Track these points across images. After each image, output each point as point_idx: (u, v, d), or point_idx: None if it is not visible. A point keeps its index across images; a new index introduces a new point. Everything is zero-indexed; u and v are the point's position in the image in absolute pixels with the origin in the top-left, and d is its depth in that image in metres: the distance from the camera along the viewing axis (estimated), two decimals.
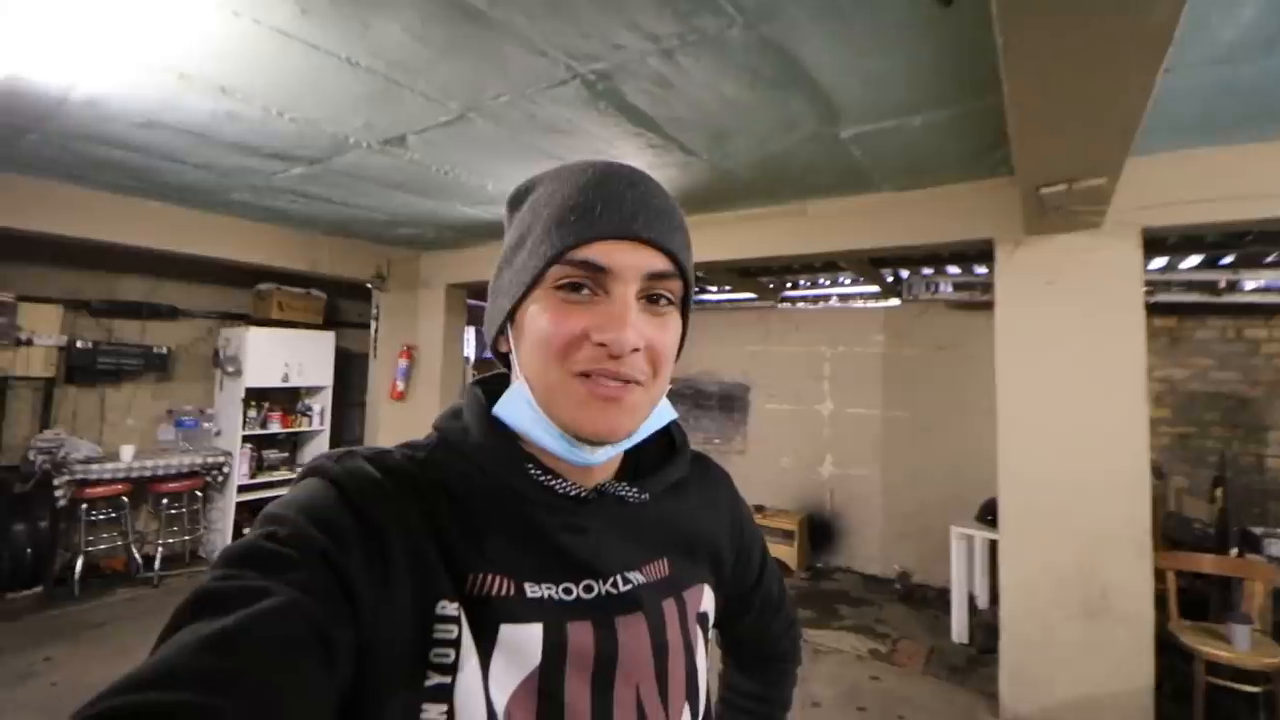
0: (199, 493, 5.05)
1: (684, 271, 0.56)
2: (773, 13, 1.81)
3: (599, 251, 0.52)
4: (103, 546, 4.59)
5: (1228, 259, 4.05)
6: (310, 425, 5.75)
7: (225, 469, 5.07)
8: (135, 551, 4.71)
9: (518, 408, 0.56)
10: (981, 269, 4.63)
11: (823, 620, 4.36)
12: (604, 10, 1.82)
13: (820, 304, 5.89)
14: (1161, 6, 1.27)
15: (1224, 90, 2.21)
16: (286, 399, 5.71)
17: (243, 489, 5.13)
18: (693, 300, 0.60)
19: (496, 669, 0.50)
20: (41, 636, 3.66)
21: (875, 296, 5.52)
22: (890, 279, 5.10)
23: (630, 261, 0.52)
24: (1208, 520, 3.80)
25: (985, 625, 3.91)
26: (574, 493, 0.56)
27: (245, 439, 5.21)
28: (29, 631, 3.73)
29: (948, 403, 5.13)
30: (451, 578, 0.51)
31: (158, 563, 4.69)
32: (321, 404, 5.80)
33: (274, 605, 0.41)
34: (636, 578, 0.59)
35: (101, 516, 4.57)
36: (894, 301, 5.44)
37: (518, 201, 0.61)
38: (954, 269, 4.78)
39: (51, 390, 4.58)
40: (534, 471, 0.55)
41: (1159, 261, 4.13)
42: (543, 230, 0.54)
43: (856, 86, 2.25)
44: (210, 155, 3.18)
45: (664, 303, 0.55)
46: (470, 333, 6.74)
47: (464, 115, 2.61)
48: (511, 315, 0.57)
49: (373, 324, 5.83)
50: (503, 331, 0.59)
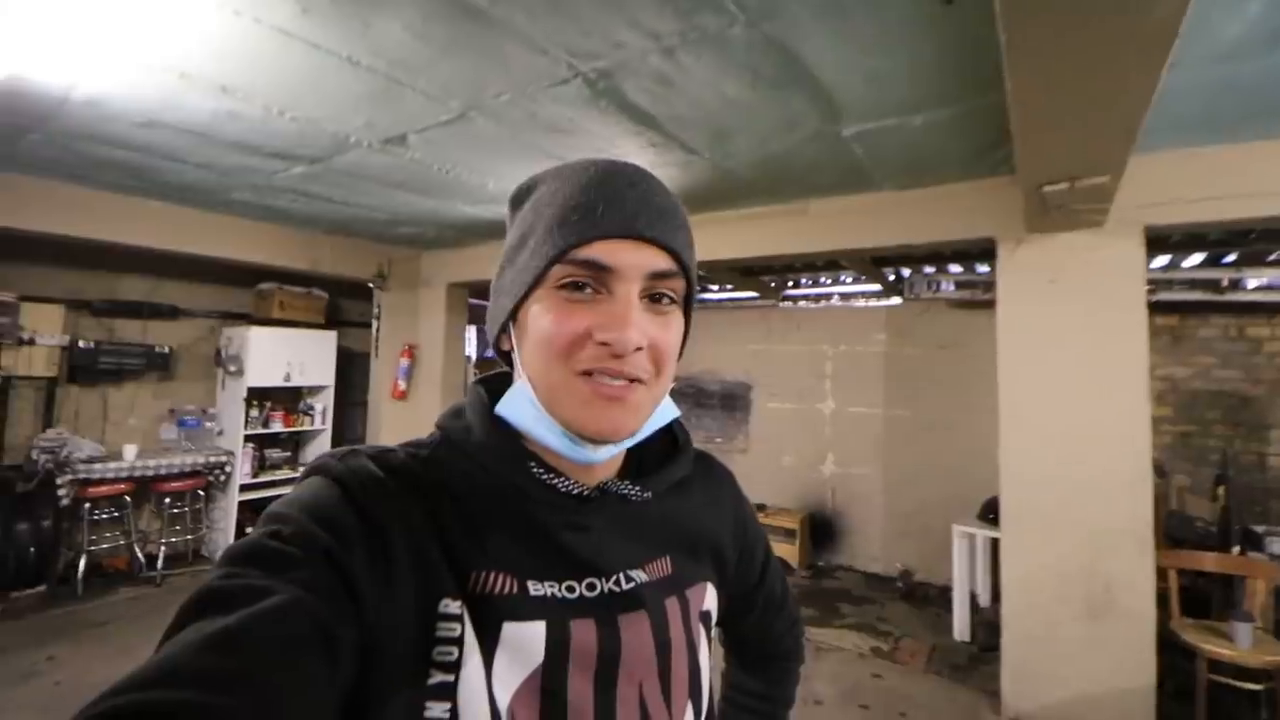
0: (201, 492, 5.06)
1: (686, 270, 0.56)
2: (774, 11, 1.80)
3: (601, 250, 0.52)
4: (105, 546, 4.60)
5: (1230, 257, 4.05)
6: (312, 424, 5.75)
7: (227, 468, 5.07)
8: (138, 551, 4.72)
9: (520, 406, 0.56)
10: (983, 267, 4.62)
11: (825, 618, 4.36)
12: (605, 8, 1.82)
13: (822, 303, 5.88)
14: (1163, 5, 1.26)
15: (1227, 88, 2.20)
16: (288, 398, 5.72)
17: (245, 488, 5.13)
18: (695, 299, 0.60)
19: (500, 667, 0.50)
20: (44, 636, 3.67)
21: (877, 295, 5.51)
22: (892, 278, 5.09)
23: (633, 260, 0.52)
24: (1210, 518, 3.80)
25: (987, 623, 3.91)
26: (576, 491, 0.56)
27: (247, 438, 5.21)
28: (32, 630, 3.74)
29: (949, 401, 5.13)
30: (454, 576, 0.51)
31: (160, 562, 4.70)
32: (323, 403, 5.80)
33: (277, 604, 0.41)
34: (639, 576, 0.59)
35: (104, 516, 4.59)
36: (895, 300, 5.43)
37: (519, 200, 0.61)
38: (956, 268, 4.77)
39: (54, 390, 4.59)
40: (536, 470, 0.55)
41: (1161, 260, 4.12)
42: (545, 229, 0.54)
43: (858, 85, 2.24)
44: (211, 155, 3.18)
45: (666, 301, 0.55)
46: (472, 332, 6.74)
47: (465, 114, 2.60)
48: (514, 314, 0.57)
49: (374, 323, 5.83)
50: (505, 330, 0.59)
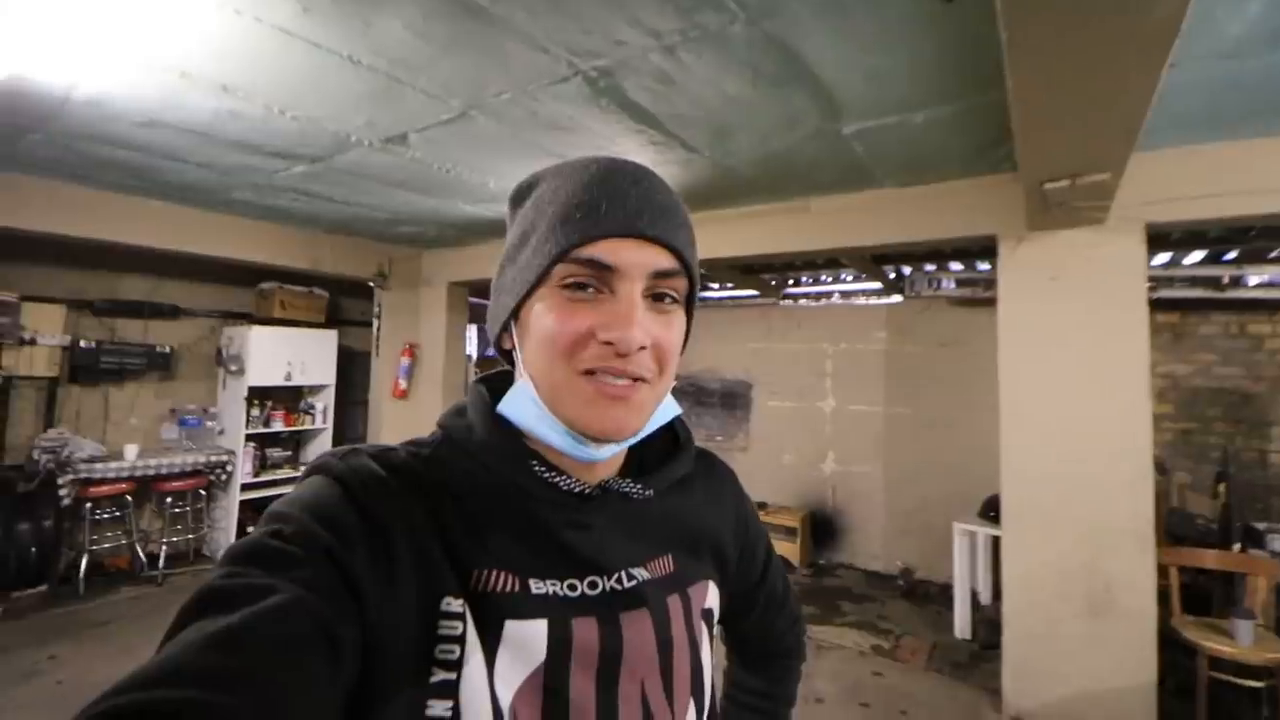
0: (202, 491, 5.06)
1: (689, 269, 0.56)
2: (775, 9, 1.80)
3: (605, 249, 0.52)
4: (107, 545, 4.61)
5: (1231, 254, 4.05)
6: (313, 424, 5.75)
7: (228, 467, 5.08)
8: (139, 550, 4.72)
9: (523, 405, 0.56)
10: (984, 265, 4.62)
11: (825, 616, 4.36)
12: (606, 6, 1.82)
13: (822, 301, 5.88)
14: (1164, 4, 1.26)
15: (1229, 85, 2.20)
16: (289, 397, 5.72)
17: (246, 487, 5.14)
18: (697, 297, 0.60)
19: (502, 665, 0.50)
20: (46, 635, 3.68)
21: (877, 293, 5.51)
22: (892, 275, 5.09)
23: (636, 259, 0.52)
24: (1210, 516, 3.80)
25: (988, 621, 3.92)
26: (578, 489, 0.56)
27: (248, 437, 5.22)
28: (34, 630, 3.74)
29: (950, 399, 5.12)
30: (456, 574, 0.51)
31: (162, 561, 4.71)
32: (324, 402, 5.81)
33: (279, 603, 0.41)
34: (641, 574, 0.59)
35: (105, 515, 4.60)
36: (896, 298, 5.43)
37: (520, 198, 0.60)
38: (956, 265, 4.77)
39: (55, 390, 4.59)
40: (538, 468, 0.55)
41: (1162, 257, 4.12)
42: (547, 228, 0.53)
43: (859, 83, 2.24)
44: (212, 154, 3.18)
45: (669, 300, 0.55)
46: (473, 331, 6.74)
47: (466, 113, 2.60)
48: (515, 313, 0.57)
49: (375, 322, 5.83)
50: (506, 329, 0.59)
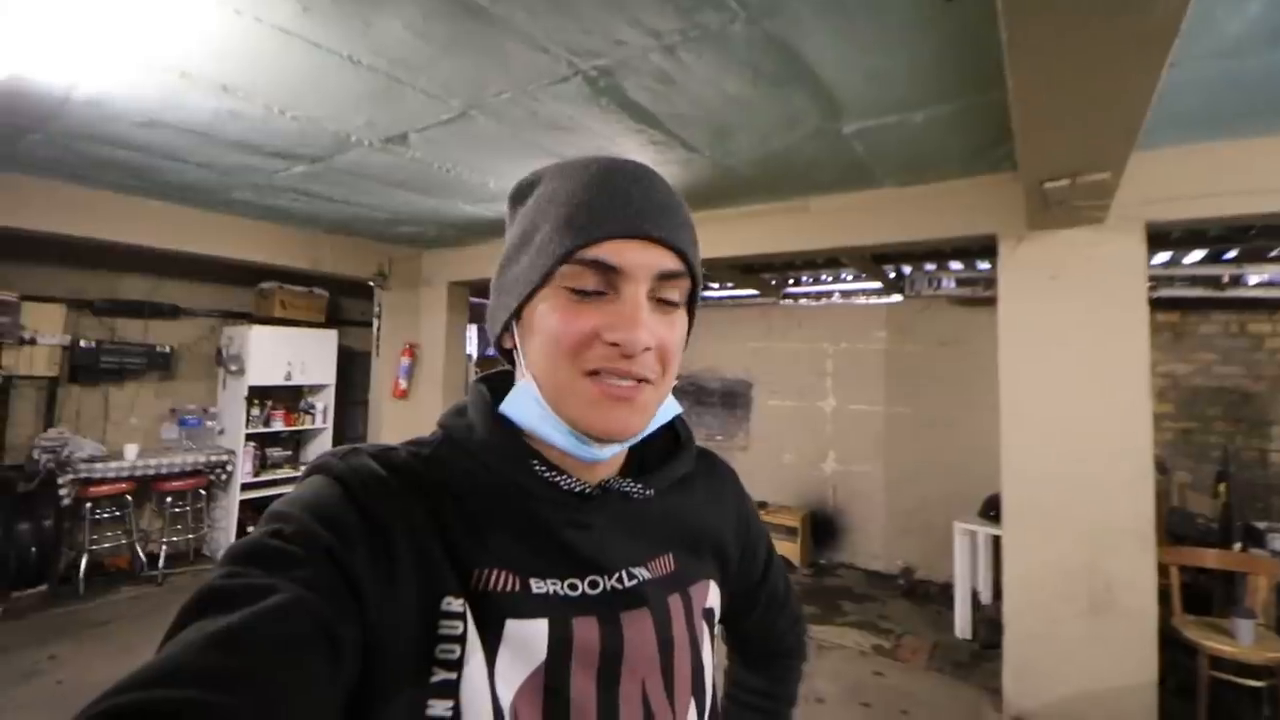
0: (203, 491, 5.06)
1: (693, 270, 0.56)
2: (775, 8, 1.80)
3: (609, 251, 0.51)
4: (107, 545, 4.61)
5: (1231, 254, 4.04)
6: (313, 423, 5.75)
7: (229, 467, 5.08)
8: (139, 550, 4.72)
9: (525, 405, 0.55)
10: (984, 264, 4.62)
11: (826, 616, 4.36)
12: (606, 6, 1.81)
13: (822, 300, 5.88)
14: (1163, 4, 1.26)
15: (1229, 84, 2.20)
16: (289, 397, 5.72)
17: (246, 487, 5.14)
18: (700, 297, 0.60)
19: (502, 664, 0.50)
20: (46, 635, 3.68)
21: (877, 293, 5.51)
22: (892, 275, 5.09)
23: (641, 261, 0.52)
24: (1211, 515, 3.80)
25: (988, 621, 3.91)
26: (579, 489, 0.56)
27: (248, 437, 5.22)
28: (34, 630, 3.74)
29: (950, 399, 5.12)
30: (457, 574, 0.51)
31: (162, 561, 4.71)
32: (324, 402, 5.81)
33: (279, 603, 0.41)
34: (642, 573, 0.59)
35: (105, 515, 4.59)
36: (896, 297, 5.43)
37: (521, 197, 0.60)
38: (956, 264, 4.76)
39: (55, 389, 4.59)
40: (539, 468, 0.55)
41: (1162, 256, 4.12)
42: (551, 228, 0.53)
43: (859, 82, 2.24)
44: (212, 154, 3.18)
45: (672, 301, 0.55)
46: (473, 330, 6.74)
47: (466, 113, 2.60)
48: (518, 312, 0.56)
49: (375, 322, 5.83)
50: (508, 328, 0.58)
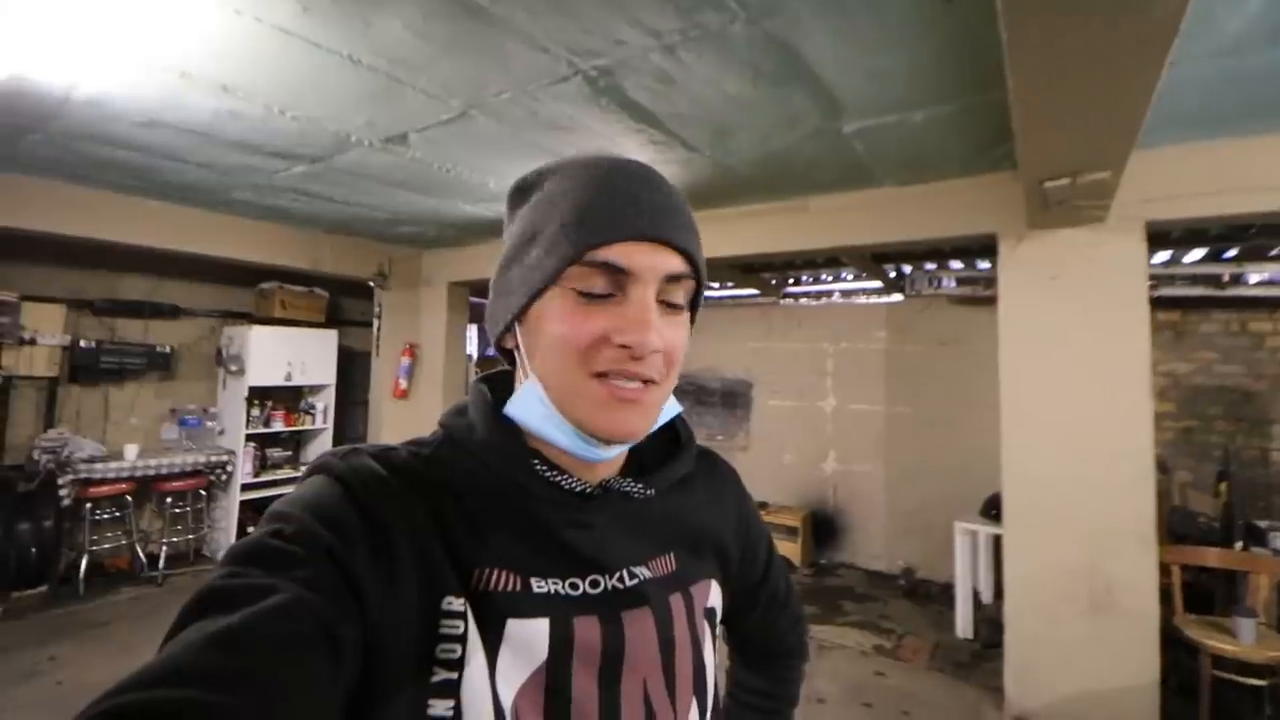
0: (203, 491, 5.06)
1: (698, 272, 0.56)
2: (775, 8, 1.80)
3: (619, 253, 0.51)
4: (107, 545, 4.61)
5: (1231, 252, 4.04)
6: (313, 424, 5.75)
7: (229, 468, 5.08)
8: (139, 550, 4.72)
9: (530, 405, 0.55)
10: (984, 264, 4.62)
11: (827, 616, 4.36)
12: (606, 6, 1.81)
13: (822, 300, 5.88)
14: (1163, 4, 1.26)
15: (1229, 83, 2.19)
16: (289, 397, 5.72)
17: (246, 487, 5.14)
18: (703, 298, 0.60)
19: (503, 664, 0.50)
20: (46, 635, 3.68)
21: (878, 292, 5.51)
22: (893, 274, 5.09)
23: (650, 263, 0.52)
24: (1212, 514, 3.79)
25: (990, 620, 3.91)
26: (579, 489, 0.56)
27: (248, 438, 5.22)
28: (34, 630, 3.74)
29: (951, 398, 5.12)
30: (457, 574, 0.51)
31: (162, 561, 4.71)
32: (324, 402, 5.81)
33: (280, 603, 0.41)
34: (643, 573, 0.59)
35: (106, 515, 4.60)
36: (896, 297, 5.43)
37: (521, 195, 0.60)
38: (957, 264, 4.76)
39: (55, 390, 4.59)
40: (540, 467, 0.55)
41: (1162, 255, 4.12)
42: (558, 229, 0.53)
43: (859, 82, 2.24)
44: (212, 154, 3.18)
45: (677, 303, 0.55)
46: (473, 330, 6.74)
47: (466, 112, 2.60)
48: (522, 313, 0.56)
49: (375, 322, 5.83)
50: (510, 329, 0.58)
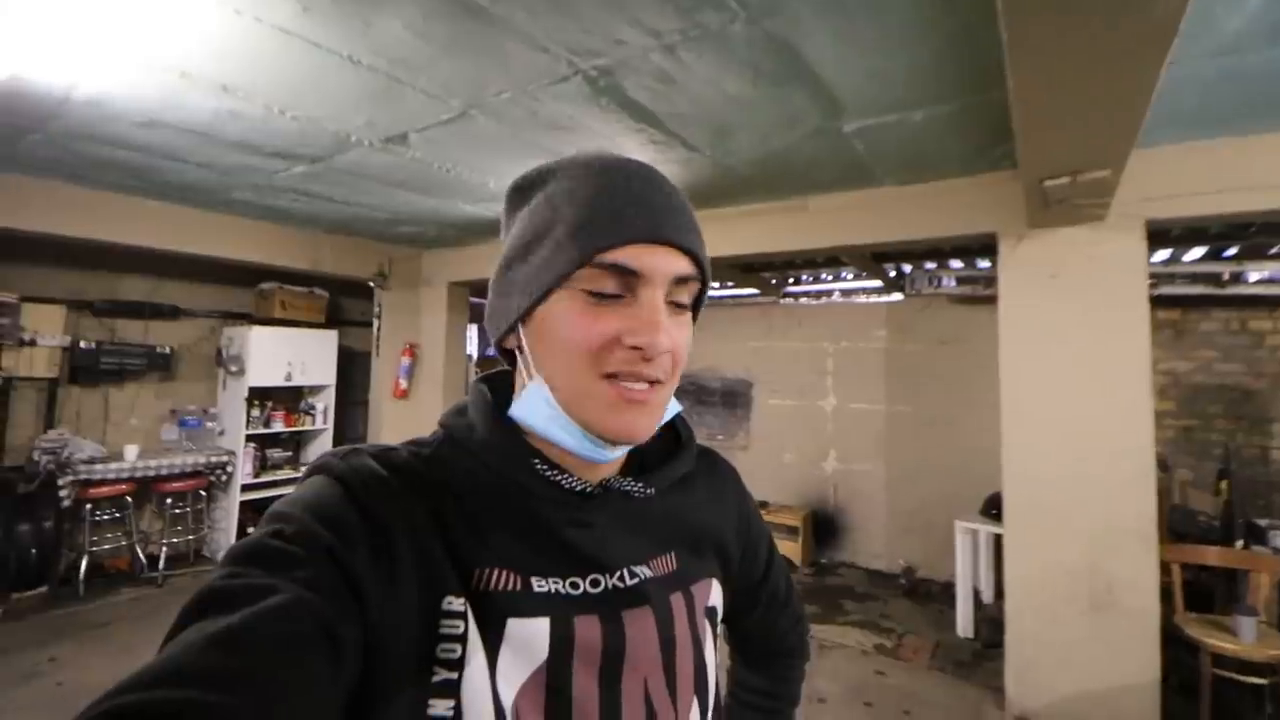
0: (203, 492, 5.06)
1: (704, 273, 0.57)
2: (775, 8, 1.80)
3: (630, 255, 0.51)
4: (107, 546, 4.60)
5: (1231, 251, 4.04)
6: (313, 424, 5.75)
7: (229, 468, 5.08)
8: (139, 551, 4.72)
9: (535, 406, 0.55)
10: (984, 263, 4.62)
11: (828, 615, 4.36)
12: (606, 6, 1.81)
13: (822, 299, 5.88)
14: (1163, 3, 1.26)
15: (1229, 82, 2.19)
16: (289, 398, 5.72)
17: (246, 488, 5.14)
18: (705, 298, 0.61)
19: (504, 663, 0.50)
20: (46, 636, 3.68)
21: (878, 291, 5.51)
22: (893, 274, 5.08)
23: (660, 265, 0.53)
24: (1213, 513, 3.79)
25: (990, 620, 3.92)
26: (580, 488, 0.56)
27: (249, 438, 5.21)
28: (34, 631, 3.74)
29: (951, 397, 5.12)
30: (458, 573, 0.51)
31: (162, 562, 4.71)
32: (325, 402, 5.80)
33: (280, 603, 0.41)
34: (643, 572, 0.59)
35: (106, 516, 4.59)
36: (896, 296, 5.43)
37: (523, 194, 0.59)
38: (957, 263, 4.76)
39: (55, 390, 4.59)
40: (540, 467, 0.55)
41: (1162, 254, 4.12)
42: (567, 229, 0.53)
43: (859, 81, 2.23)
44: (212, 154, 3.18)
45: (683, 304, 0.56)
46: (473, 330, 6.74)
47: (466, 112, 2.60)
48: (526, 313, 0.55)
49: (375, 322, 5.83)
50: (513, 329, 0.58)
